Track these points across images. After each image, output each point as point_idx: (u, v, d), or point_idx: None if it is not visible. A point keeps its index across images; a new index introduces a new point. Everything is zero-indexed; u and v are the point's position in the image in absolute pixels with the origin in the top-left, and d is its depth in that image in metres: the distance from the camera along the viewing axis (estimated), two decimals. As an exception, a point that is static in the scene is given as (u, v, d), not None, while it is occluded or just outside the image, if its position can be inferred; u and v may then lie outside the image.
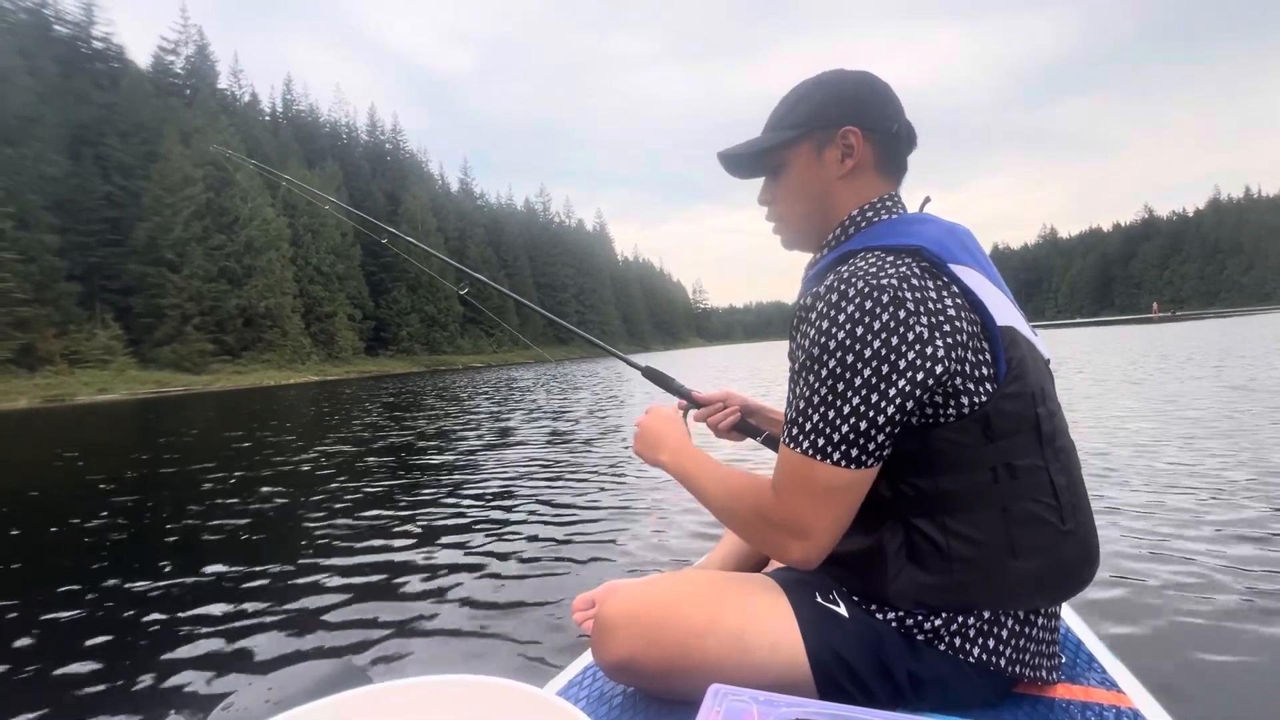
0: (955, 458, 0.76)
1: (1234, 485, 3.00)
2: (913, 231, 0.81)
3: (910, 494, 0.78)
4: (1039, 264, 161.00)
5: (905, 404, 0.73)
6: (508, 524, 3.20)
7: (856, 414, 0.73)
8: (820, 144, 0.88)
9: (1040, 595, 0.80)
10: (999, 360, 0.77)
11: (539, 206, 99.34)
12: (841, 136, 0.86)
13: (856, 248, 0.82)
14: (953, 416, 0.75)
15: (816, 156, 0.88)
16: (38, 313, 32.92)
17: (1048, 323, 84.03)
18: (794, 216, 0.93)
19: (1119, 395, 6.62)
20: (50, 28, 44.54)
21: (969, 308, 0.77)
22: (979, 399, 0.76)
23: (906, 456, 0.77)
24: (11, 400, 27.32)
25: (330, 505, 3.86)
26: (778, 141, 0.89)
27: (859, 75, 0.90)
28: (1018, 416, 0.77)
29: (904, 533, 0.79)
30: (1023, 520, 0.77)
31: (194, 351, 39.54)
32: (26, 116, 36.17)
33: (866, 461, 0.75)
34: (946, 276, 0.77)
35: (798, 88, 0.91)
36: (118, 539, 3.45)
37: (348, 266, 54.89)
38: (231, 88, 58.67)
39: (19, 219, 33.25)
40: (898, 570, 0.79)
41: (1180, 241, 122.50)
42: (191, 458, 6.66)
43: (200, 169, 42.23)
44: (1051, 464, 0.79)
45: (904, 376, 0.73)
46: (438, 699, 0.55)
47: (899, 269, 0.76)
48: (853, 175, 0.88)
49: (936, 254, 0.77)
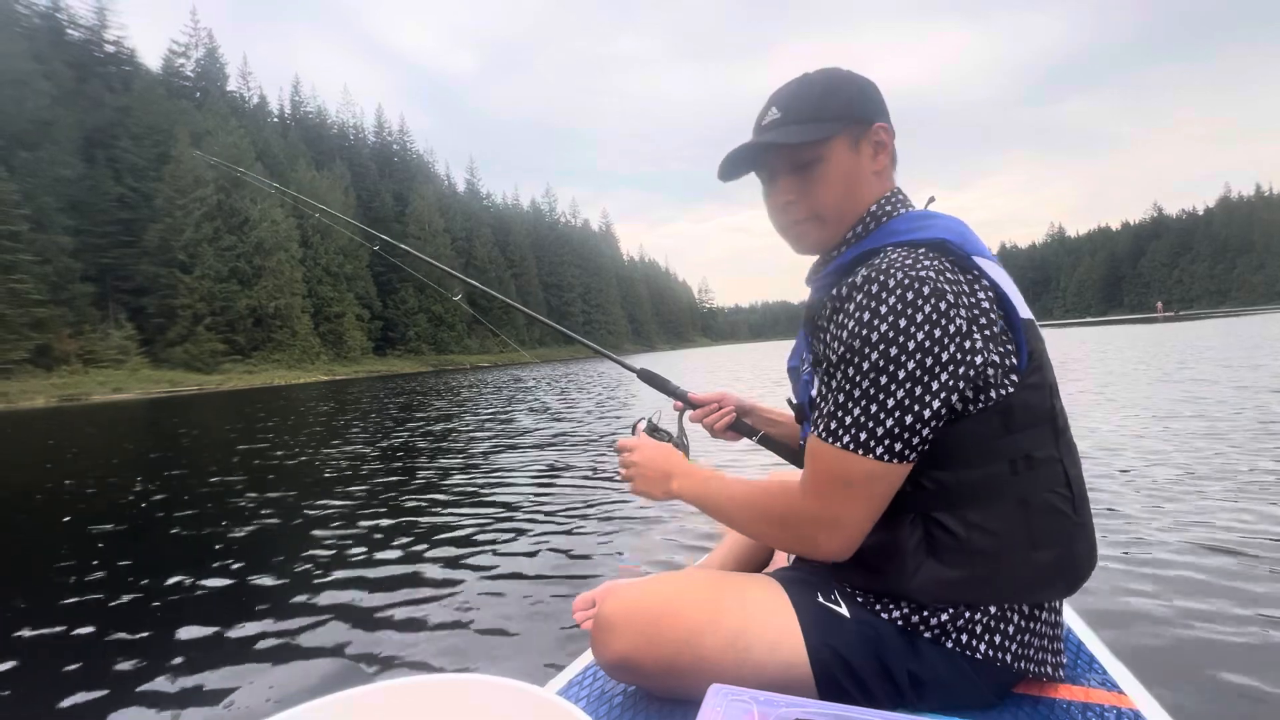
0: (976, 450, 0.76)
1: (1235, 486, 2.98)
2: (935, 225, 0.81)
3: (930, 487, 0.78)
4: (1047, 263, 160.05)
5: (950, 397, 0.73)
6: (508, 524, 3.19)
7: (901, 408, 0.72)
8: (855, 138, 0.87)
9: (1054, 587, 0.80)
10: (1022, 352, 0.77)
11: (545, 207, 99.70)
12: (874, 132, 0.87)
13: (878, 245, 0.81)
14: (980, 408, 0.75)
15: (853, 150, 0.87)
16: (53, 313, 33.53)
17: (1054, 322, 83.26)
18: (829, 211, 0.88)
19: (1119, 396, 6.58)
20: (64, 32, 45.24)
21: (997, 300, 0.77)
22: (1004, 390, 0.75)
23: (927, 450, 0.76)
24: (29, 399, 27.90)
25: (330, 505, 3.85)
26: (822, 135, 0.85)
27: (854, 74, 0.90)
28: (1036, 408, 0.78)
29: (923, 527, 0.78)
30: (1041, 511, 0.77)
31: (205, 351, 40.12)
32: (42, 120, 36.85)
33: (909, 455, 0.74)
34: (975, 270, 0.78)
35: (812, 79, 0.89)
36: (117, 538, 3.44)
37: (356, 267, 55.38)
38: (240, 89, 59.41)
39: (35, 221, 33.84)
40: (917, 565, 0.78)
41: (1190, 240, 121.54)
42: (197, 457, 6.70)
43: (211, 171, 42.77)
44: (1065, 456, 0.80)
45: (946, 370, 0.72)
46: (438, 699, 0.55)
47: (934, 261, 0.76)
48: (882, 171, 0.88)
49: (961, 246, 0.78)
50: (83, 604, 2.41)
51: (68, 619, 2.26)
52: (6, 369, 30.10)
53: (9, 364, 30.36)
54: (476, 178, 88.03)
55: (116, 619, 2.25)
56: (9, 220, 32.12)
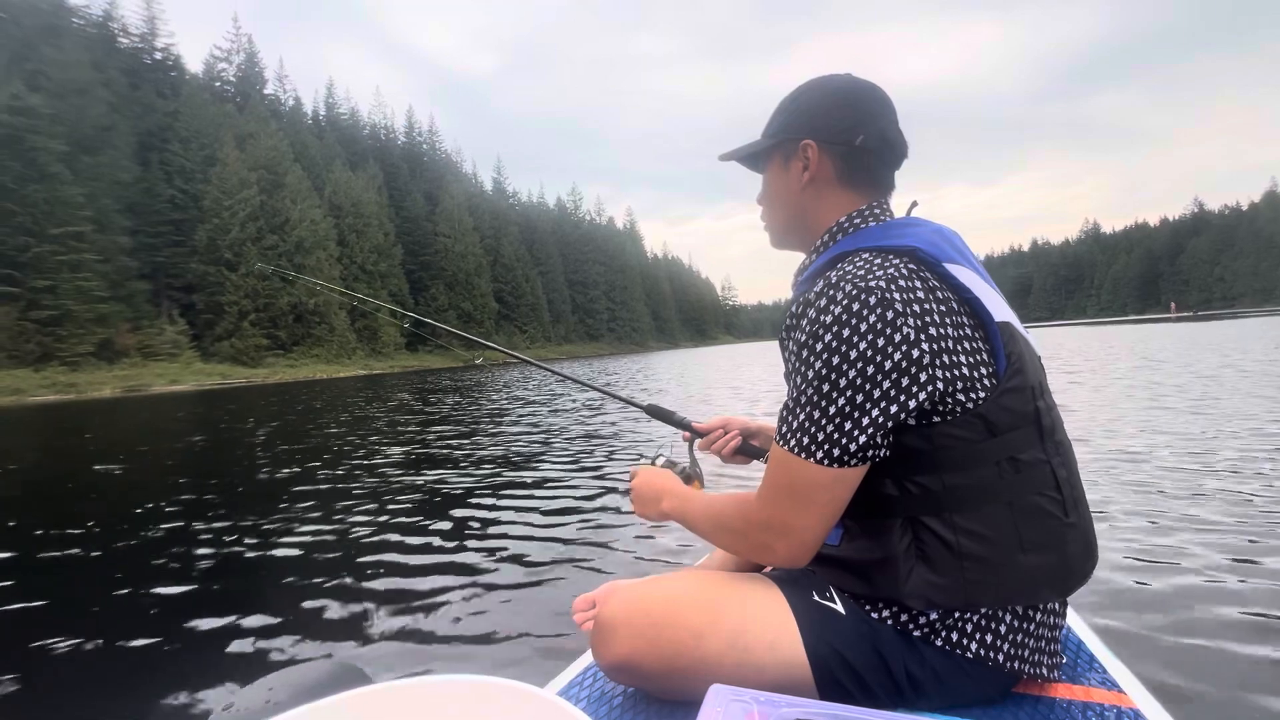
0: (960, 454, 0.76)
1: (1235, 486, 3.00)
2: (905, 233, 0.82)
3: (916, 492, 0.78)
4: (1080, 260, 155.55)
5: (889, 407, 0.73)
6: (508, 524, 3.20)
7: (841, 414, 0.74)
8: (787, 155, 0.91)
9: (1046, 590, 0.80)
10: (999, 356, 0.78)
11: (570, 205, 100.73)
12: (801, 149, 0.89)
13: (848, 250, 0.83)
14: (956, 413, 0.75)
15: (784, 167, 0.92)
16: (114, 309, 35.84)
17: (1065, 322, 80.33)
18: (771, 220, 0.97)
19: (1116, 396, 6.68)
20: (115, 40, 47.65)
21: (963, 305, 0.78)
22: (980, 395, 0.76)
23: (911, 454, 0.77)
24: (97, 389, 30.14)
25: (330, 505, 3.84)
26: (754, 151, 0.95)
27: (836, 84, 0.90)
28: (1019, 411, 0.78)
29: (912, 532, 0.79)
30: (1029, 514, 0.77)
31: (250, 346, 42.25)
32: (102, 126, 39.09)
33: (849, 461, 0.75)
34: (938, 276, 0.78)
35: (794, 91, 0.93)
36: (117, 536, 3.47)
37: (389, 265, 57.22)
38: (277, 93, 61.59)
39: (97, 222, 36.07)
40: (908, 570, 0.78)
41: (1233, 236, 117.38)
42: (202, 457, 6.78)
43: (254, 173, 44.87)
44: (1053, 458, 0.80)
45: (889, 378, 0.73)
46: (438, 699, 0.55)
47: (887, 270, 0.76)
48: (814, 187, 0.90)
49: (930, 254, 0.78)
50: (71, 604, 2.43)
51: (56, 618, 2.28)
52: (74, 361, 32.46)
53: (77, 357, 32.73)
54: (504, 176, 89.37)
55: (113, 619, 2.25)
56: (75, 222, 34.41)
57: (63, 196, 34.26)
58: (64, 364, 31.95)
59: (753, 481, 4.63)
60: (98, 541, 3.43)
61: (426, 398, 13.74)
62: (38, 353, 31.68)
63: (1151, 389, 7.16)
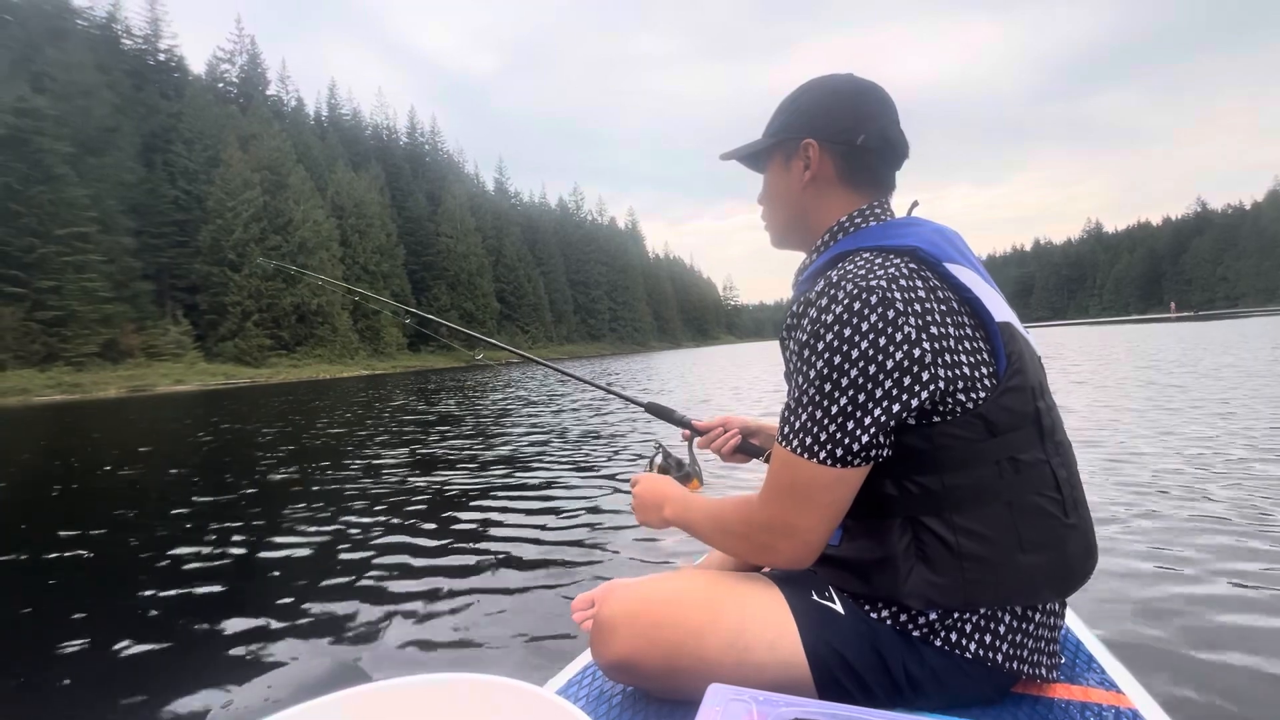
0: (960, 453, 0.76)
1: (1235, 487, 3.01)
2: (906, 233, 0.82)
3: (916, 492, 0.78)
4: (1083, 259, 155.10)
5: (892, 406, 0.74)
6: (508, 524, 3.20)
7: (844, 414, 0.74)
8: (788, 154, 0.91)
9: (1046, 590, 0.80)
10: (999, 355, 0.78)
11: (572, 205, 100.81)
12: (803, 148, 0.89)
13: (848, 249, 0.83)
14: (956, 413, 0.76)
15: (785, 167, 0.92)
16: (119, 310, 35.99)
17: (1067, 322, 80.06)
18: (772, 219, 0.98)
19: (1116, 396, 6.68)
20: (119, 41, 47.86)
21: (963, 305, 0.78)
22: (980, 395, 0.76)
23: (912, 454, 0.77)
24: (102, 389, 30.27)
25: (331, 504, 3.85)
26: (755, 150, 0.95)
27: (836, 83, 0.90)
28: (1019, 411, 0.78)
29: (912, 532, 0.79)
30: (1029, 514, 0.77)
31: (254, 346, 42.40)
32: (107, 127, 39.24)
33: (852, 461, 0.75)
34: (939, 276, 0.78)
35: (795, 91, 0.93)
36: (119, 536, 3.49)
37: (392, 265, 57.34)
38: (280, 94, 61.75)
39: (101, 223, 36.23)
40: (908, 570, 0.78)
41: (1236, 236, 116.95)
42: (206, 457, 6.82)
43: (257, 174, 45.00)
44: (1053, 458, 0.80)
45: (891, 377, 0.73)
46: (437, 697, 0.55)
47: (888, 270, 0.76)
48: (815, 186, 0.90)
49: (931, 254, 0.79)
50: (68, 603, 2.44)
51: (53, 619, 2.27)
52: (80, 362, 32.61)
53: (82, 357, 32.87)
54: (505, 177, 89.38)
55: (111, 619, 2.25)
56: (80, 223, 34.57)
57: (68, 197, 34.43)
58: (69, 364, 32.11)
59: (752, 481, 4.07)
60: (100, 541, 3.45)
61: (428, 397, 13.82)
62: (43, 353, 31.85)
63: (1151, 389, 7.19)
